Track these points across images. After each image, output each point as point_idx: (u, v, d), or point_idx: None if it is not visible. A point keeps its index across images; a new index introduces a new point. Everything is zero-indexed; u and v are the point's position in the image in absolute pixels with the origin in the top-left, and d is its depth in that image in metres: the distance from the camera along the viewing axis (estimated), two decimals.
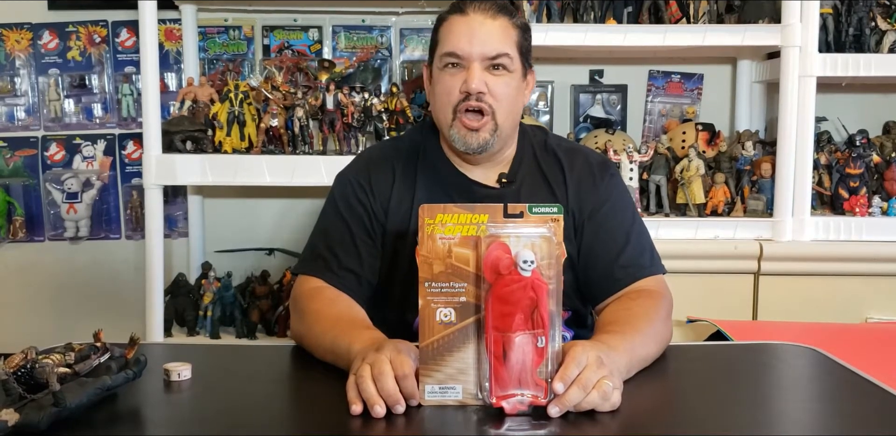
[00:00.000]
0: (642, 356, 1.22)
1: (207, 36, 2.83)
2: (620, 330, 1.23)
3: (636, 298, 1.38)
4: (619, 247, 1.45)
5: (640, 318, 1.30)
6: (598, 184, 1.49)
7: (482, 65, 1.40)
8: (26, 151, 2.83)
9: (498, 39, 1.41)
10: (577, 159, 1.52)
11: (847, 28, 2.47)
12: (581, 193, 1.48)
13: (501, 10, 1.43)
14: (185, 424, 1.04)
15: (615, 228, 1.47)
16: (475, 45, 1.39)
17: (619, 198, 1.50)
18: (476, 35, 1.40)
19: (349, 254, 1.46)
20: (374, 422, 1.01)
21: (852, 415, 1.09)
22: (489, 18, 1.41)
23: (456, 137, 1.43)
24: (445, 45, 1.42)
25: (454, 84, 1.41)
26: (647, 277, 1.44)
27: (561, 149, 1.54)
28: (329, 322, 1.31)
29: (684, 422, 1.05)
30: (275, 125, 2.38)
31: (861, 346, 1.94)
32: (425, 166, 1.51)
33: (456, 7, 1.44)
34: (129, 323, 2.19)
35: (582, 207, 1.47)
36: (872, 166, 2.48)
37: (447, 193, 1.48)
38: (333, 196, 1.53)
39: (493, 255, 1.04)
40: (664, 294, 1.42)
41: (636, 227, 1.49)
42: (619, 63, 2.83)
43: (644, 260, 1.46)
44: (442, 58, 1.43)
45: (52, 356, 1.04)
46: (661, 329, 1.31)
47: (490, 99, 1.41)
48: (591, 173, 1.50)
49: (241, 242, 2.81)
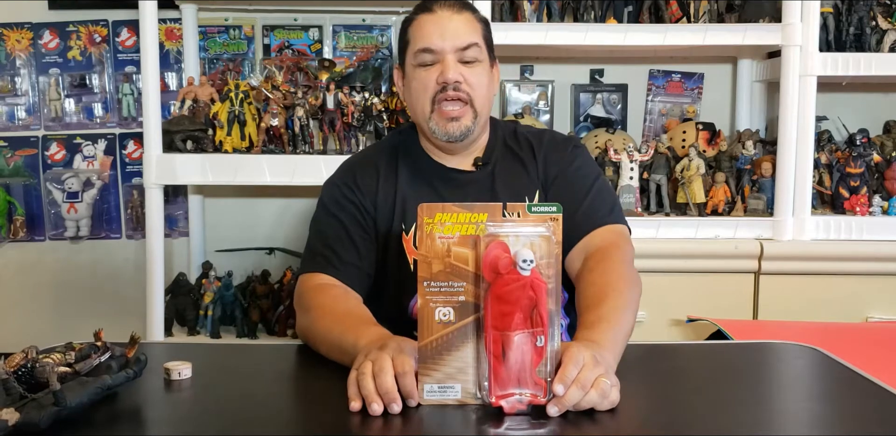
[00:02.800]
0: (625, 335, 1.23)
1: (208, 35, 2.83)
2: (598, 318, 1.22)
3: (595, 267, 1.38)
4: (580, 201, 1.51)
5: (609, 294, 1.29)
6: (562, 153, 1.58)
7: (455, 57, 1.48)
8: (27, 150, 2.83)
9: (466, 31, 1.49)
10: (545, 137, 1.61)
11: (847, 27, 2.47)
12: (548, 162, 1.57)
13: (465, 6, 1.53)
14: (185, 423, 1.04)
15: (577, 186, 1.54)
16: (447, 39, 1.47)
17: (582, 163, 1.58)
18: (446, 29, 1.48)
19: (347, 249, 1.51)
20: (374, 421, 1.01)
21: (853, 414, 1.09)
22: (455, 13, 1.50)
23: (436, 127, 1.50)
24: (418, 42, 1.50)
25: (430, 77, 1.48)
26: (604, 226, 1.48)
27: (530, 133, 1.63)
28: (335, 317, 1.33)
29: (684, 421, 1.05)
30: (275, 125, 2.38)
31: (862, 345, 1.94)
32: (406, 161, 1.58)
33: (422, 7, 1.53)
34: (129, 322, 2.19)
35: (548, 173, 1.56)
36: (873, 166, 2.48)
37: (428, 181, 1.56)
38: (323, 201, 1.59)
39: (492, 254, 1.04)
40: (620, 245, 1.45)
41: (598, 184, 1.55)
42: (620, 62, 2.83)
43: (602, 212, 1.51)
44: (416, 55, 1.50)
45: (52, 356, 1.04)
46: (629, 293, 1.31)
47: (467, 87, 1.48)
48: (557, 145, 1.59)
49: (242, 241, 2.81)
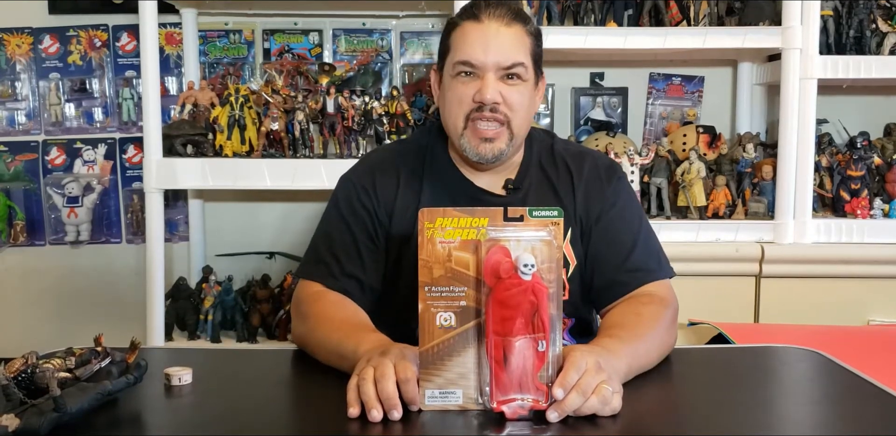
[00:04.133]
0: (642, 363, 1.22)
1: (208, 40, 2.83)
2: (622, 335, 1.23)
3: (647, 303, 1.36)
4: (627, 251, 1.43)
5: (645, 323, 1.29)
6: (605, 188, 1.47)
7: (497, 74, 1.37)
8: (27, 155, 2.84)
9: (513, 48, 1.37)
10: (585, 164, 1.49)
11: (848, 30, 2.47)
12: (589, 198, 1.46)
13: (516, 18, 1.39)
14: (185, 428, 1.04)
15: (622, 232, 1.45)
16: (490, 55, 1.36)
17: (626, 201, 1.48)
18: (491, 44, 1.36)
19: (352, 259, 1.44)
20: (375, 427, 1.01)
21: (854, 418, 1.09)
22: (504, 26, 1.37)
23: (468, 146, 1.40)
24: (459, 52, 1.38)
25: (467, 92, 1.37)
26: (655, 282, 1.43)
27: (568, 154, 1.51)
28: (334, 324, 1.30)
29: (686, 425, 1.05)
30: (275, 129, 2.38)
31: (863, 348, 1.94)
32: (431, 172, 1.48)
33: (469, 13, 1.40)
34: (129, 327, 2.18)
35: (589, 212, 1.45)
36: (874, 168, 2.48)
37: (453, 199, 1.44)
38: (337, 199, 1.50)
39: (493, 259, 1.04)
40: (670, 301, 1.41)
41: (644, 230, 1.47)
42: (620, 66, 2.83)
43: (652, 264, 1.44)
44: (455, 66, 1.39)
45: (52, 361, 1.03)
46: (664, 336, 1.30)
47: (505, 108, 1.37)
48: (599, 178, 1.48)
49: (242, 245, 2.81)
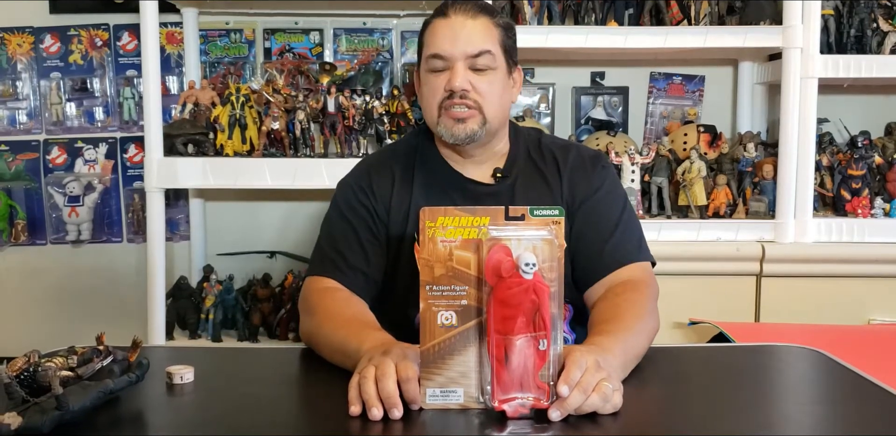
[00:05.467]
0: (635, 354, 1.26)
1: (209, 39, 2.83)
2: (611, 329, 1.25)
3: (622, 293, 1.40)
4: (608, 233, 1.49)
5: (629, 315, 1.32)
6: (590, 174, 1.54)
7: (465, 64, 1.44)
8: (28, 154, 2.84)
9: (479, 38, 1.45)
10: (571, 153, 1.56)
11: (848, 29, 2.47)
12: (574, 184, 1.53)
13: (482, 11, 1.48)
14: (187, 427, 1.04)
15: (605, 216, 1.51)
16: (457, 45, 1.44)
17: (610, 187, 1.55)
18: (458, 35, 1.44)
19: (356, 254, 1.50)
20: (376, 426, 1.01)
21: (855, 417, 1.09)
22: (469, 19, 1.46)
23: (443, 131, 1.47)
24: (430, 47, 1.47)
25: (439, 84, 1.46)
26: (633, 263, 1.47)
27: (555, 146, 1.59)
28: (340, 321, 1.33)
29: (686, 424, 1.05)
30: (276, 128, 2.38)
31: (864, 348, 1.94)
32: (421, 167, 1.55)
33: (439, 11, 1.49)
34: (131, 326, 2.18)
35: (574, 196, 1.52)
36: (874, 168, 2.48)
37: (444, 190, 1.52)
38: (336, 202, 1.57)
39: (494, 258, 1.04)
40: (649, 283, 1.45)
41: (625, 215, 1.53)
42: (621, 65, 2.84)
43: (631, 247, 1.50)
44: (427, 60, 1.47)
45: (54, 360, 1.04)
46: (649, 322, 1.35)
47: (475, 95, 1.45)
48: (584, 165, 1.55)
49: (243, 245, 2.81)
